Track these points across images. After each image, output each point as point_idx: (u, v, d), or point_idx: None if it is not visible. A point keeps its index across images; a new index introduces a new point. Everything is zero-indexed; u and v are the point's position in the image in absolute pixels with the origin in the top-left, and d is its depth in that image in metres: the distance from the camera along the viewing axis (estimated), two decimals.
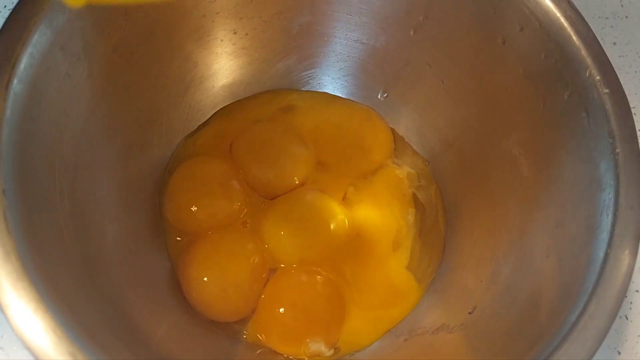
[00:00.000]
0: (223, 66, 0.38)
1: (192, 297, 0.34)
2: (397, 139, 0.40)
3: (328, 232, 0.36)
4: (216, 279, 0.34)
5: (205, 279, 0.34)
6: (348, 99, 0.41)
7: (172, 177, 0.37)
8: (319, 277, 0.35)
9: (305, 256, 0.36)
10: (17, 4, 0.26)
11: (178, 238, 0.36)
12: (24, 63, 0.25)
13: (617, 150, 0.27)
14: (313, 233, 0.36)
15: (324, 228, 0.36)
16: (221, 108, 0.40)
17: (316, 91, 0.41)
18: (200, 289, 0.34)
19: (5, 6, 0.41)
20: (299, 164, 0.38)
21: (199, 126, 0.39)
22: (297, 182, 0.38)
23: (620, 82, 0.28)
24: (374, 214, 0.37)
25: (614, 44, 0.46)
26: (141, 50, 0.33)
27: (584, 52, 0.29)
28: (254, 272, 0.35)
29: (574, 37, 0.29)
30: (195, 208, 0.36)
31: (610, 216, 0.26)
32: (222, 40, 0.37)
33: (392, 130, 0.40)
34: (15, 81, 0.24)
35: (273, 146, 0.38)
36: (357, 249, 0.37)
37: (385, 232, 0.37)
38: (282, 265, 0.36)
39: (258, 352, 0.34)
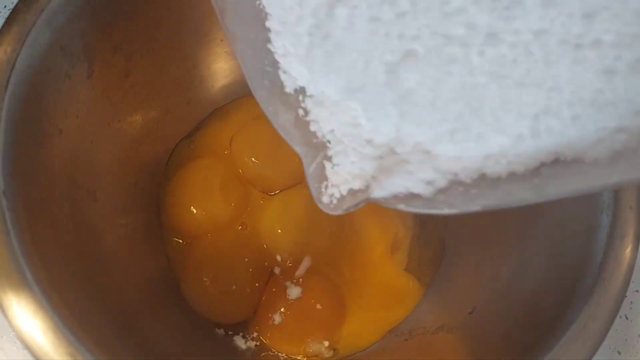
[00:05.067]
0: (222, 66, 0.38)
1: (192, 300, 0.34)
2: None
3: (324, 230, 0.36)
4: (216, 281, 0.34)
5: (205, 281, 0.34)
6: None
7: (172, 180, 0.37)
8: (319, 276, 0.35)
9: (302, 254, 0.36)
10: (17, 3, 0.26)
11: (177, 240, 0.36)
12: (24, 63, 0.25)
13: None
14: (309, 231, 0.36)
15: (320, 226, 0.36)
16: (220, 107, 0.40)
17: None
18: (200, 291, 0.34)
19: (5, 6, 0.41)
20: (297, 161, 0.38)
21: (197, 126, 0.39)
22: (295, 180, 0.38)
23: None
24: (372, 217, 0.37)
25: None
26: (141, 50, 0.32)
27: None
28: (254, 273, 0.35)
29: None
30: (195, 211, 0.36)
31: (609, 216, 0.26)
32: (221, 40, 0.37)
33: None
34: (15, 81, 0.24)
35: (271, 142, 0.38)
36: (356, 251, 0.36)
37: (383, 235, 0.37)
38: (282, 265, 0.36)
39: (262, 355, 0.34)
